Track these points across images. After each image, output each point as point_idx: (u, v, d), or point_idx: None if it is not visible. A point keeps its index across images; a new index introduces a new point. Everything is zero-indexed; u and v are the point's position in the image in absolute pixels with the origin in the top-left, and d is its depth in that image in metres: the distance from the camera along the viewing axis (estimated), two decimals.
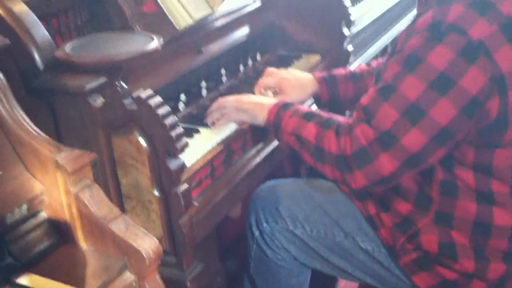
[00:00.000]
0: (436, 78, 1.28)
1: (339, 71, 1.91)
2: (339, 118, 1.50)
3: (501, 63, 1.26)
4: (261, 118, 1.63)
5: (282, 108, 1.59)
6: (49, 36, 1.45)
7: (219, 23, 1.99)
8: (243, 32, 2.15)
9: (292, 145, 1.55)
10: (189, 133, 1.64)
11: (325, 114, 1.54)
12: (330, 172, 1.46)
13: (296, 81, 1.87)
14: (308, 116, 1.53)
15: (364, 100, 1.41)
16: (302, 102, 1.92)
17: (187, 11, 1.80)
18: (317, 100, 1.93)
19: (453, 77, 1.27)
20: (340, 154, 1.41)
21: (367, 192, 1.59)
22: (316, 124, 1.49)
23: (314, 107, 2.00)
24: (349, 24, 2.28)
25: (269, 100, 1.67)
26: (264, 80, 1.89)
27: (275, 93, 1.88)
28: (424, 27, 1.32)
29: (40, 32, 1.42)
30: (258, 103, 1.65)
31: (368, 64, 1.94)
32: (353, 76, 1.88)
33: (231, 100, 1.69)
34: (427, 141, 1.32)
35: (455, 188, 1.43)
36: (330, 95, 1.88)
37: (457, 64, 1.26)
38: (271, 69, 1.93)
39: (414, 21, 1.41)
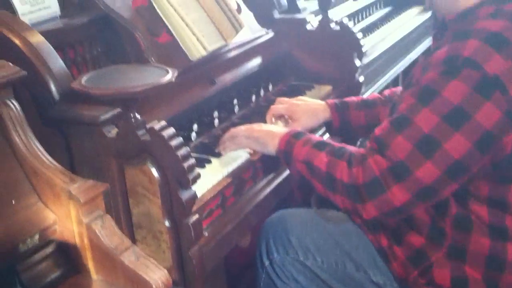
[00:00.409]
0: (451, 111, 1.28)
1: (351, 99, 1.92)
2: (352, 148, 1.50)
3: None
4: (272, 146, 1.63)
5: (293, 137, 1.59)
6: (65, 66, 1.47)
7: (232, 53, 2.02)
8: (255, 62, 2.17)
9: (304, 173, 1.55)
10: (201, 163, 1.65)
11: (337, 144, 1.53)
12: (341, 202, 1.45)
13: (307, 107, 1.88)
14: (320, 145, 1.52)
15: (378, 131, 1.41)
16: (313, 128, 1.94)
17: (201, 43, 1.82)
18: (329, 127, 1.94)
19: (468, 111, 1.27)
20: (352, 184, 1.40)
21: (379, 224, 1.58)
22: (328, 153, 1.48)
23: (326, 135, 2.01)
24: (361, 55, 2.30)
25: (280, 129, 1.68)
26: (276, 107, 1.90)
27: (286, 122, 1.89)
28: (439, 61, 1.33)
29: (57, 62, 1.45)
30: (269, 132, 1.66)
31: (380, 93, 1.95)
32: (365, 103, 1.89)
33: (242, 129, 1.70)
34: (441, 174, 1.31)
35: (469, 223, 1.42)
36: (342, 122, 1.89)
37: (472, 99, 1.27)
38: (282, 98, 1.94)
39: (429, 55, 1.42)
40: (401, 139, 1.33)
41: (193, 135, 1.80)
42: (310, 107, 1.88)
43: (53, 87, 1.41)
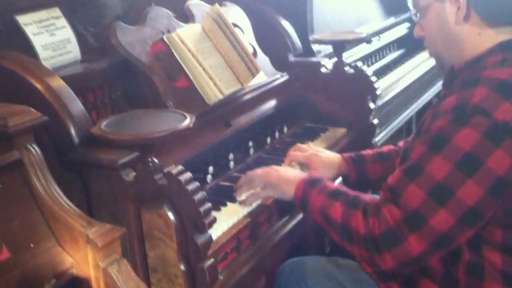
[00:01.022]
0: (462, 158, 1.29)
1: (367, 152, 1.93)
2: (366, 197, 1.50)
3: None
4: (288, 194, 1.64)
5: (309, 185, 1.59)
6: (85, 111, 1.50)
7: (247, 96, 2.04)
8: (270, 104, 2.19)
9: (320, 223, 1.55)
10: (216, 206, 1.65)
11: (351, 192, 1.53)
12: (358, 252, 1.45)
13: (325, 159, 1.90)
14: (335, 195, 1.53)
15: (391, 180, 1.42)
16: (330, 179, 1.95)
17: (218, 87, 1.85)
18: (345, 179, 1.94)
19: (479, 158, 1.28)
20: (368, 236, 1.40)
21: (390, 272, 1.57)
22: (342, 203, 1.48)
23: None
24: (375, 98, 2.32)
25: (296, 175, 1.68)
26: (295, 154, 1.92)
27: (302, 166, 1.90)
28: (449, 109, 1.34)
29: (77, 107, 1.48)
30: (286, 179, 1.66)
31: (395, 144, 1.96)
32: (380, 156, 1.90)
33: (259, 174, 1.70)
34: (455, 222, 1.31)
35: (482, 270, 1.40)
36: (358, 175, 1.89)
37: (483, 146, 1.28)
38: (301, 145, 1.97)
39: (438, 103, 1.43)
40: (414, 187, 1.34)
41: (209, 177, 1.81)
42: (328, 159, 1.90)
43: (73, 131, 1.44)
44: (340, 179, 1.99)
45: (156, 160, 1.38)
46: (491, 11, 1.43)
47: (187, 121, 1.37)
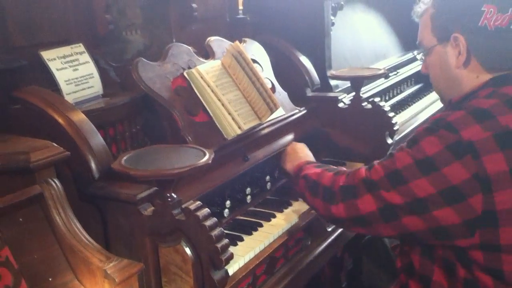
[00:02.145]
0: (422, 160, 1.40)
1: None
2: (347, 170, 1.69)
3: (489, 167, 1.34)
4: (291, 165, 1.90)
5: (307, 163, 1.83)
6: (105, 145, 1.52)
7: (265, 131, 2.06)
8: (288, 138, 2.20)
9: (301, 187, 1.75)
10: (233, 241, 1.66)
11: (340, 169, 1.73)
12: (318, 204, 1.65)
13: None
14: (323, 165, 1.78)
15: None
16: None
17: (236, 122, 1.87)
18: None
19: (437, 164, 1.39)
20: (330, 187, 1.61)
21: None
22: (323, 168, 1.73)
23: None
24: (393, 134, 2.32)
25: (304, 156, 1.94)
26: None
27: None
28: (430, 121, 1.48)
29: (98, 141, 1.50)
30: (299, 156, 1.95)
31: None
32: None
33: (293, 143, 2.08)
34: (403, 203, 1.43)
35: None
36: None
37: (443, 156, 1.38)
38: None
39: None
40: (378, 166, 1.51)
41: (226, 211, 1.82)
42: None
43: (93, 165, 1.46)
44: None
45: (174, 195, 1.40)
46: (490, 59, 1.51)
47: (206, 158, 1.39)
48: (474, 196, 1.35)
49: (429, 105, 3.24)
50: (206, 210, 1.37)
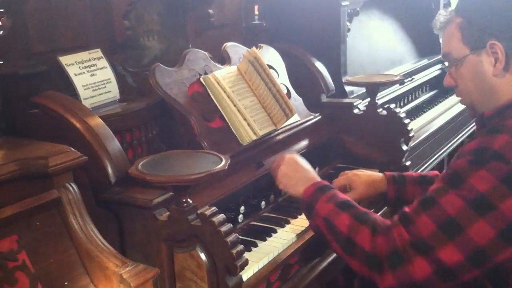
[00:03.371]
0: (476, 198, 1.31)
1: (410, 173, 1.97)
2: (376, 216, 1.52)
3: None
4: (296, 191, 1.69)
5: (319, 190, 1.62)
6: (122, 150, 1.54)
7: (280, 136, 2.06)
8: (302, 144, 2.20)
9: (322, 229, 1.57)
10: (247, 246, 1.65)
11: (361, 208, 1.56)
12: (358, 267, 1.48)
13: (366, 178, 1.94)
14: (344, 206, 1.55)
15: (407, 208, 1.45)
16: (370, 198, 1.99)
17: (252, 128, 1.88)
18: (384, 197, 1.96)
19: (493, 201, 1.30)
20: (372, 253, 1.43)
21: None
22: (350, 216, 1.51)
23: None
24: (408, 140, 2.31)
25: (311, 176, 1.73)
26: (337, 180, 1.97)
27: (345, 188, 1.95)
28: (470, 151, 1.39)
29: (115, 146, 1.52)
30: (303, 177, 1.72)
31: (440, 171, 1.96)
32: (422, 179, 1.91)
33: (287, 158, 1.78)
34: (463, 259, 1.33)
35: None
36: (397, 194, 1.91)
37: (498, 190, 1.30)
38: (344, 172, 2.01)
39: (465, 144, 1.44)
40: (426, 217, 1.38)
41: (240, 217, 1.82)
42: (370, 177, 1.94)
43: (110, 170, 1.47)
44: None
45: (190, 201, 1.40)
46: None
47: (223, 164, 1.39)
48: None
49: (444, 112, 3.23)
50: (221, 216, 1.38)
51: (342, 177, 1.97)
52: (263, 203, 1.92)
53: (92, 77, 1.74)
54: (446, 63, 1.60)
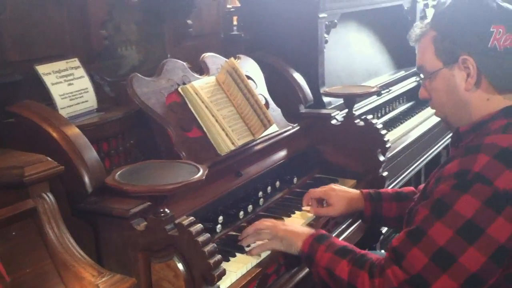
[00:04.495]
0: (464, 226, 1.31)
1: (386, 190, 1.98)
2: (372, 256, 1.52)
3: None
4: (295, 248, 1.66)
5: (316, 241, 1.61)
6: (99, 159, 1.53)
7: (258, 147, 2.07)
8: (281, 155, 2.21)
9: (325, 279, 1.57)
10: (225, 256, 1.65)
11: (358, 251, 1.56)
12: None
13: (343, 194, 1.94)
14: (342, 253, 1.55)
15: (395, 241, 1.44)
16: (347, 215, 2.00)
17: (230, 138, 1.88)
18: (361, 214, 1.98)
19: (480, 225, 1.30)
20: None
21: None
22: (349, 262, 1.51)
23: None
24: (385, 151, 2.34)
25: (304, 229, 1.70)
26: (314, 190, 1.97)
27: (321, 204, 1.96)
28: (451, 174, 1.37)
29: (91, 156, 1.51)
30: (294, 232, 1.68)
31: (415, 187, 1.97)
32: (398, 196, 1.93)
33: (267, 225, 1.71)
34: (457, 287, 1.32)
35: None
36: (373, 212, 1.93)
37: (484, 214, 1.30)
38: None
39: (443, 166, 1.45)
40: (417, 251, 1.36)
41: (218, 227, 1.82)
42: (347, 194, 1.95)
43: (86, 180, 1.46)
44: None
45: (167, 211, 1.40)
46: (501, 80, 1.46)
47: (200, 174, 1.39)
48: None
49: (421, 123, 3.27)
50: (199, 226, 1.38)
51: (319, 190, 1.97)
52: (241, 213, 1.92)
53: (69, 87, 1.73)
54: (422, 76, 1.62)
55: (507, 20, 1.45)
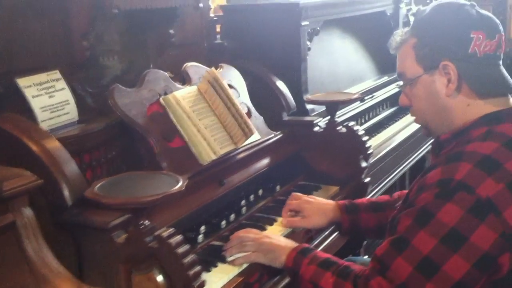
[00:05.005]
0: (447, 234, 1.32)
1: (362, 201, 1.97)
2: (356, 268, 1.52)
3: (511, 220, 1.30)
4: (279, 262, 1.66)
5: (300, 254, 1.62)
6: (79, 172, 1.53)
7: (241, 155, 2.08)
8: (264, 163, 2.23)
9: None
10: (207, 266, 1.66)
11: (342, 262, 1.56)
12: None
13: (318, 207, 1.94)
14: (326, 265, 1.56)
15: (379, 251, 1.44)
16: (323, 227, 1.99)
17: (211, 148, 1.90)
18: (339, 227, 1.97)
19: (463, 233, 1.31)
20: None
21: None
22: (333, 274, 1.52)
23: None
24: (367, 157, 2.36)
25: (288, 243, 1.71)
26: (290, 203, 1.97)
27: (298, 213, 1.95)
28: (433, 183, 1.38)
29: (72, 168, 1.51)
30: (277, 246, 1.68)
31: (390, 195, 1.98)
32: (374, 206, 1.93)
33: (251, 237, 1.72)
34: None
35: None
36: (351, 224, 1.92)
37: (467, 222, 1.31)
38: (296, 194, 2.01)
39: (425, 174, 1.47)
40: (401, 260, 1.37)
41: (200, 236, 1.83)
42: (321, 206, 1.94)
43: (66, 193, 1.47)
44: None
45: (147, 222, 1.41)
46: (481, 85, 1.48)
47: (179, 185, 1.40)
48: (501, 256, 1.32)
49: (404, 127, 3.29)
50: (179, 237, 1.39)
51: (294, 202, 1.96)
52: (223, 222, 1.93)
53: (50, 99, 1.74)
54: (401, 82, 1.62)
55: (487, 27, 1.47)
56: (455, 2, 1.54)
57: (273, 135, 2.27)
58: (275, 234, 1.82)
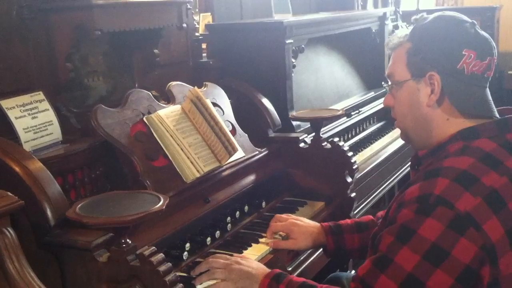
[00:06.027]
0: (429, 249, 1.33)
1: (346, 222, 1.97)
2: None
3: (491, 234, 1.32)
4: None
5: (274, 281, 1.57)
6: (62, 193, 1.55)
7: (226, 173, 2.10)
8: (249, 179, 2.24)
9: None
10: (192, 284, 1.67)
11: (319, 285, 1.54)
12: None
13: (304, 229, 1.93)
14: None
15: (361, 271, 1.44)
16: (308, 249, 2.00)
17: (195, 166, 1.91)
18: (324, 248, 1.98)
19: (445, 248, 1.32)
20: None
21: None
22: None
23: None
24: (352, 173, 2.38)
25: (259, 269, 1.64)
26: (275, 225, 1.96)
27: (285, 237, 1.94)
28: (413, 199, 1.40)
29: (54, 189, 1.53)
30: (247, 273, 1.62)
31: (374, 215, 1.99)
32: (358, 227, 1.93)
33: (220, 265, 1.66)
34: None
35: None
36: (336, 245, 1.92)
37: (447, 236, 1.32)
38: (280, 215, 2.01)
39: (404, 189, 1.48)
40: (385, 278, 1.36)
41: (185, 254, 1.83)
42: (307, 229, 1.93)
43: (49, 214, 1.48)
44: None
45: (129, 242, 1.42)
46: (463, 103, 1.50)
47: (160, 204, 1.42)
48: (483, 268, 1.32)
49: (391, 142, 3.32)
50: (160, 256, 1.40)
51: (280, 224, 1.95)
52: (208, 239, 1.94)
53: (33, 120, 1.75)
54: (389, 82, 1.64)
55: (480, 47, 1.49)
56: (456, 17, 1.55)
57: (257, 152, 2.29)
58: (247, 258, 1.75)
